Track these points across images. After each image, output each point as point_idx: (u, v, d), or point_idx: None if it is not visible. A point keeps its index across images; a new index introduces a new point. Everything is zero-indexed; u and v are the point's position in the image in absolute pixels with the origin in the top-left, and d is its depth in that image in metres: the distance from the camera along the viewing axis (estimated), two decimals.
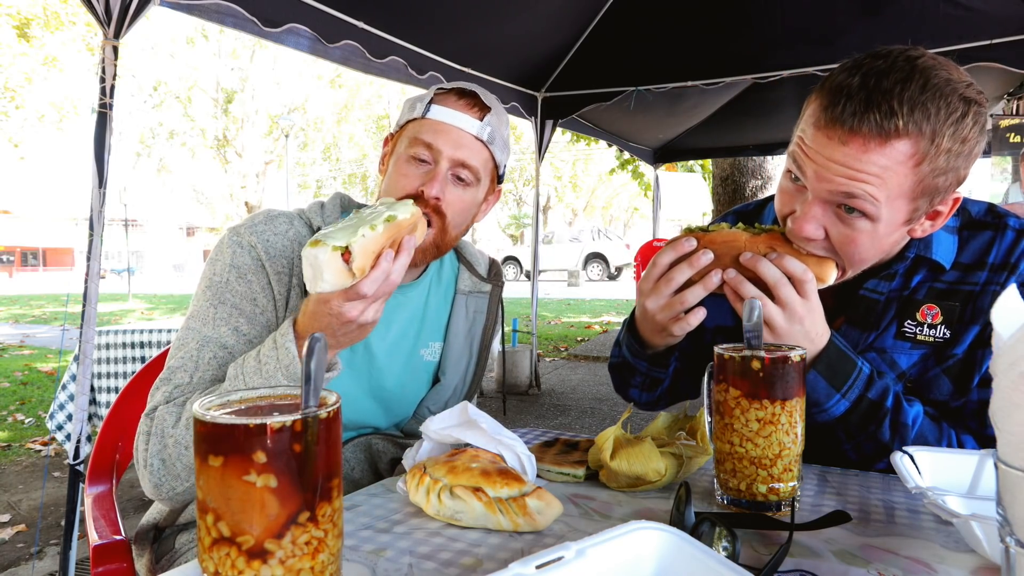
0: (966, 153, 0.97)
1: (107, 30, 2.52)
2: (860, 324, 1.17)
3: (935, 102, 0.92)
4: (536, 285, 6.59)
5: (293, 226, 1.20)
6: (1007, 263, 1.10)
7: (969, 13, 3.89)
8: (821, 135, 0.97)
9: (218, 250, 1.18)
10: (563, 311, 14.28)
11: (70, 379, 3.39)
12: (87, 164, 2.52)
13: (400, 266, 1.00)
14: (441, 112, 1.19)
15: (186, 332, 1.14)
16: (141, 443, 1.08)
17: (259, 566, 0.57)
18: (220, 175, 29.88)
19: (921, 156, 0.94)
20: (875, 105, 0.92)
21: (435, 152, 1.18)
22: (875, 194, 0.96)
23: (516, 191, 43.65)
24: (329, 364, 1.04)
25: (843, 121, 0.94)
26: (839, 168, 0.96)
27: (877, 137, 0.93)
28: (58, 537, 3.07)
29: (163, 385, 1.10)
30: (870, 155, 0.94)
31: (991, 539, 0.72)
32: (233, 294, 1.14)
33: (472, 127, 1.20)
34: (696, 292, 1.05)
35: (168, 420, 1.05)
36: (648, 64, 5.10)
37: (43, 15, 14.19)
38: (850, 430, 1.11)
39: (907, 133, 0.93)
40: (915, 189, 0.97)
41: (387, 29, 4.00)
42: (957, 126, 0.94)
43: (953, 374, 1.12)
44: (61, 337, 9.57)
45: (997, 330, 0.61)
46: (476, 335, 1.39)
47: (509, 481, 0.87)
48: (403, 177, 1.19)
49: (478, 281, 1.40)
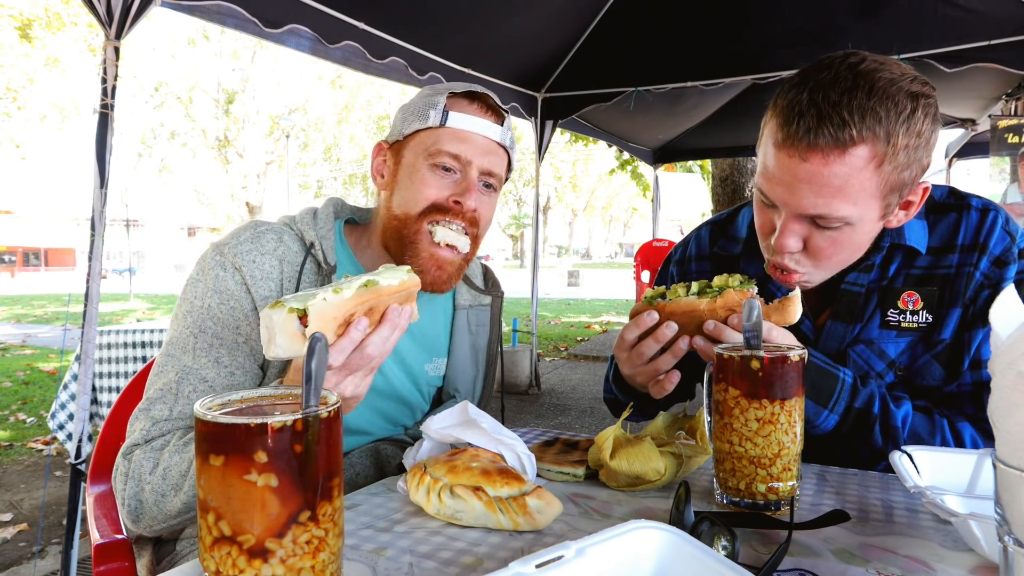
0: (923, 144, 1.00)
1: (108, 31, 2.52)
2: (845, 317, 1.19)
3: (883, 105, 0.95)
4: (536, 285, 6.59)
5: (283, 242, 1.13)
6: (976, 243, 1.14)
7: (968, 14, 3.89)
8: (783, 155, 1.01)
9: (200, 269, 1.11)
10: (563, 311, 14.27)
11: (72, 379, 3.40)
12: (88, 164, 2.53)
13: (380, 339, 0.89)
14: (463, 120, 1.14)
15: (166, 359, 1.08)
16: (119, 482, 1.04)
17: (260, 565, 0.57)
18: (221, 175, 29.88)
19: (880, 158, 0.97)
20: (827, 119, 0.95)
21: (463, 162, 1.14)
22: (844, 212, 0.99)
23: (516, 191, 43.64)
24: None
25: (800, 138, 0.97)
26: (805, 187, 0.99)
27: (835, 149, 0.96)
28: (60, 536, 3.08)
29: (142, 417, 1.06)
30: (831, 167, 0.97)
31: (989, 538, 0.72)
32: (215, 322, 1.08)
33: (495, 133, 1.16)
34: (666, 360, 1.09)
35: (145, 466, 1.01)
36: (648, 64, 5.11)
37: (45, 16, 14.19)
38: (843, 440, 1.13)
39: (863, 139, 0.95)
40: (882, 188, 1.00)
41: (387, 30, 4.00)
42: (909, 122, 0.97)
43: (943, 359, 1.14)
44: (63, 337, 9.57)
45: (996, 330, 0.61)
46: (481, 348, 1.35)
47: (509, 480, 0.87)
48: (429, 188, 1.13)
49: (477, 294, 1.35)
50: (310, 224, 1.18)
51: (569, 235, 67.00)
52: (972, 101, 5.91)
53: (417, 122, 1.16)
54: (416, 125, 1.16)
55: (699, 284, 1.08)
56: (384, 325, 0.90)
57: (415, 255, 1.14)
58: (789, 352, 0.89)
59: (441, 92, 1.17)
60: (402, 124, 1.18)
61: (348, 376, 0.90)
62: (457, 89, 1.17)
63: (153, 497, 1.00)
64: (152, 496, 1.00)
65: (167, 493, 0.99)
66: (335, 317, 0.85)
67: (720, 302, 1.03)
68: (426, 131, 1.15)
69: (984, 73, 4.14)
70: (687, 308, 1.05)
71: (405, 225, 1.15)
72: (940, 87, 1.05)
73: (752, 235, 1.32)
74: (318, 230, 1.17)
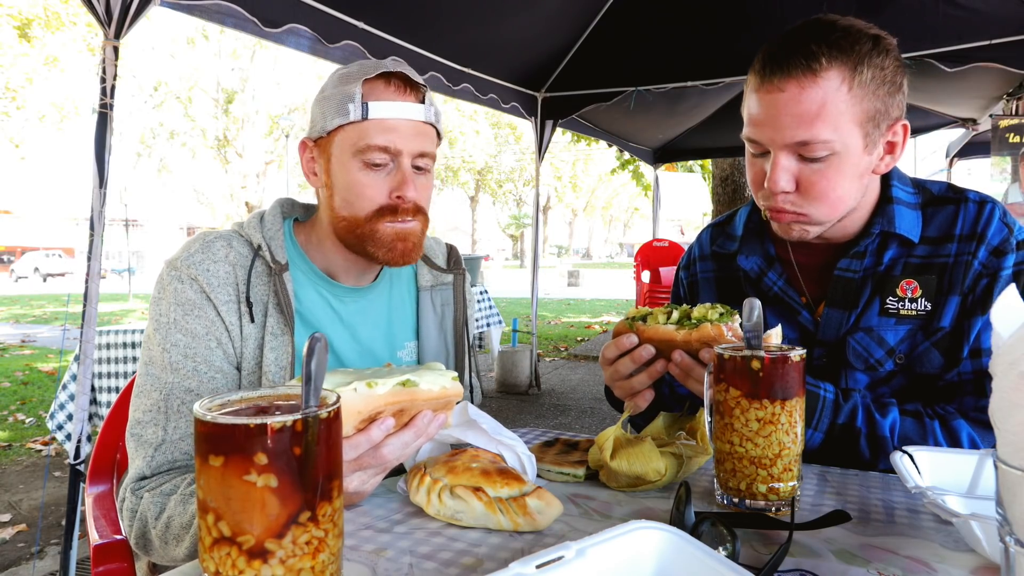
0: (889, 80, 1.07)
1: (108, 30, 2.52)
2: (840, 304, 1.20)
3: (847, 39, 1.06)
4: (536, 285, 6.59)
5: (233, 248, 1.14)
6: (974, 233, 1.16)
7: (969, 13, 3.89)
8: (762, 94, 1.09)
9: (159, 288, 1.12)
10: (563, 311, 14.28)
11: (71, 379, 3.39)
12: (88, 164, 2.52)
13: (400, 443, 0.84)
14: (384, 108, 1.10)
15: (144, 378, 1.09)
16: (126, 517, 1.05)
17: (260, 566, 0.57)
18: (220, 175, 29.90)
19: (851, 80, 1.05)
20: (796, 51, 1.05)
21: (393, 152, 1.11)
22: (826, 136, 1.05)
23: (516, 191, 43.65)
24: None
25: (774, 73, 1.06)
26: (786, 117, 1.06)
27: (808, 74, 1.04)
28: (59, 537, 3.08)
29: (135, 443, 1.06)
30: (806, 91, 1.05)
31: (991, 539, 0.72)
32: (184, 333, 1.08)
33: (419, 113, 1.13)
34: (641, 379, 1.11)
35: (151, 511, 1.02)
36: (648, 64, 5.10)
37: (44, 15, 14.19)
38: (831, 457, 1.13)
39: (832, 64, 1.04)
40: (859, 115, 1.06)
41: (387, 29, 4.00)
42: (871, 55, 1.06)
43: (943, 347, 1.15)
44: (62, 337, 9.57)
45: (997, 330, 0.61)
46: (448, 328, 1.34)
47: (509, 481, 0.87)
48: (367, 188, 1.11)
49: (438, 274, 1.34)
50: (256, 228, 1.18)
51: (569, 235, 67.03)
52: (973, 101, 5.91)
53: (338, 117, 1.10)
54: (337, 121, 1.10)
55: (680, 311, 1.08)
56: (409, 430, 0.85)
57: (378, 244, 1.13)
58: (790, 352, 0.89)
59: (354, 80, 1.10)
60: (323, 120, 1.13)
61: (356, 471, 0.86)
62: (370, 73, 1.10)
63: (158, 542, 1.02)
64: (157, 541, 1.02)
65: (170, 542, 1.00)
66: (360, 411, 0.79)
67: (696, 335, 1.03)
68: (349, 126, 1.10)
69: (985, 73, 4.14)
70: (664, 336, 1.06)
71: (356, 225, 1.13)
72: (941, 87, 1.08)
73: (748, 232, 1.32)
74: (265, 232, 1.17)
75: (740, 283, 1.33)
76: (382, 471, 0.89)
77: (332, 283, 1.21)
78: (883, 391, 1.19)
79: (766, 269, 1.28)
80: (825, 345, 1.21)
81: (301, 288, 1.19)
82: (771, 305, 1.26)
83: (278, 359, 1.11)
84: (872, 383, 1.19)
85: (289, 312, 1.11)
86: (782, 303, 1.26)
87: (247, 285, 1.12)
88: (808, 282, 1.26)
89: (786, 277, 1.27)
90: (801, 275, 1.27)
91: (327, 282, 1.21)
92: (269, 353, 1.10)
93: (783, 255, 1.29)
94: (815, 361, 1.22)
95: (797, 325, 1.24)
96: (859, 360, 1.18)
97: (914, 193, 1.22)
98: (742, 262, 1.31)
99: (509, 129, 35.67)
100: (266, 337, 1.11)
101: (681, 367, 1.05)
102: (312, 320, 1.19)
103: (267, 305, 1.13)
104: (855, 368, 1.19)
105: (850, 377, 1.19)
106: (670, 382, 1.31)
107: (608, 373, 1.15)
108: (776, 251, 1.30)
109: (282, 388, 0.66)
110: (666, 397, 1.30)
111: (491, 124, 34.93)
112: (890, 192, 1.20)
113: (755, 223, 1.33)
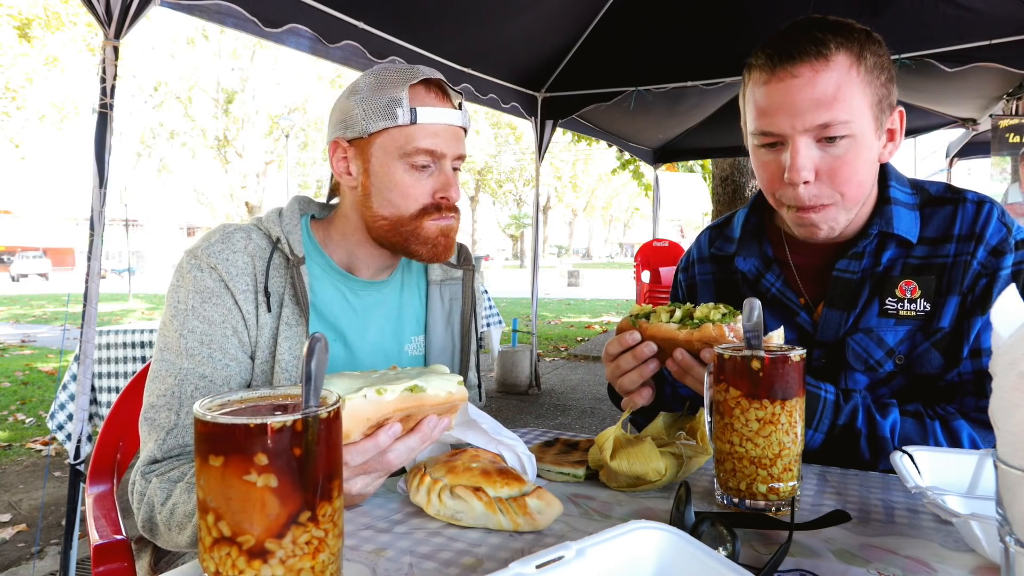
0: (886, 67, 1.11)
1: (108, 30, 2.52)
2: (839, 305, 1.20)
3: (843, 29, 1.09)
4: (536, 285, 6.59)
5: (252, 240, 1.17)
6: (972, 233, 1.16)
7: (969, 13, 3.89)
8: (774, 85, 1.09)
9: (178, 275, 1.14)
10: (563, 311, 14.29)
11: (71, 379, 3.39)
12: (88, 164, 2.53)
13: (406, 448, 0.86)
14: (430, 114, 1.15)
15: (160, 364, 1.11)
16: (135, 499, 1.07)
17: (260, 566, 0.57)
18: (220, 175, 29.88)
19: (858, 65, 1.07)
20: (804, 39, 1.07)
21: (437, 155, 1.16)
22: (846, 116, 1.06)
23: (516, 191, 43.65)
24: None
25: (784, 62, 1.07)
26: (804, 100, 1.06)
27: (820, 59, 1.06)
28: (59, 537, 3.08)
29: (148, 427, 1.08)
30: (820, 76, 1.06)
31: (991, 539, 0.72)
32: (201, 320, 1.10)
33: (458, 119, 1.19)
34: (632, 378, 1.12)
35: (158, 496, 1.04)
36: (648, 64, 5.10)
37: (44, 15, 14.19)
38: (831, 457, 1.13)
39: (840, 49, 1.07)
40: (870, 98, 1.09)
41: (387, 29, 4.00)
42: (868, 43, 1.09)
43: (942, 347, 1.15)
44: (62, 337, 9.58)
45: (997, 330, 0.61)
46: (455, 323, 1.37)
47: (509, 481, 0.87)
48: (411, 188, 1.16)
49: (448, 268, 1.37)
50: (275, 221, 1.21)
51: (569, 235, 67.04)
52: (973, 101, 5.90)
53: (383, 120, 1.14)
54: (383, 123, 1.14)
55: (683, 310, 1.09)
56: (415, 435, 0.87)
57: (423, 241, 1.18)
58: (790, 352, 0.88)
59: (400, 85, 1.14)
60: (364, 121, 1.15)
61: (361, 475, 0.87)
62: (413, 79, 1.15)
63: (163, 527, 1.03)
64: (163, 526, 1.03)
65: (173, 528, 1.01)
66: (368, 418, 0.81)
67: (697, 335, 1.03)
68: (395, 129, 1.14)
69: (985, 73, 4.14)
70: (667, 335, 1.07)
71: (400, 224, 1.17)
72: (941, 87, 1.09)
73: (746, 233, 1.33)
74: (284, 226, 1.20)
75: (739, 285, 1.33)
76: (385, 474, 0.90)
77: (348, 276, 1.24)
78: (883, 392, 1.19)
79: (764, 270, 1.28)
80: (823, 346, 1.21)
81: (317, 281, 1.21)
82: (769, 306, 1.26)
83: (292, 348, 1.13)
84: (872, 384, 1.19)
85: (305, 303, 1.14)
86: (780, 304, 1.26)
87: (265, 276, 1.15)
88: (806, 283, 1.26)
89: (784, 278, 1.27)
90: (799, 276, 1.27)
91: (343, 275, 1.24)
92: (283, 343, 1.13)
93: (781, 256, 1.29)
94: (814, 362, 1.22)
95: (795, 326, 1.24)
96: (859, 361, 1.18)
97: (912, 194, 1.22)
98: (740, 263, 1.31)
99: (509, 129, 35.69)
100: (281, 327, 1.13)
101: (681, 365, 1.06)
102: (326, 312, 1.21)
103: (283, 296, 1.15)
104: (855, 369, 1.19)
105: (849, 378, 1.19)
106: (672, 382, 1.31)
107: (610, 369, 1.15)
108: (774, 252, 1.30)
109: (282, 388, 0.66)
110: (667, 397, 1.30)
111: (491, 124, 34.95)
112: (888, 193, 1.20)
113: (753, 225, 1.33)
